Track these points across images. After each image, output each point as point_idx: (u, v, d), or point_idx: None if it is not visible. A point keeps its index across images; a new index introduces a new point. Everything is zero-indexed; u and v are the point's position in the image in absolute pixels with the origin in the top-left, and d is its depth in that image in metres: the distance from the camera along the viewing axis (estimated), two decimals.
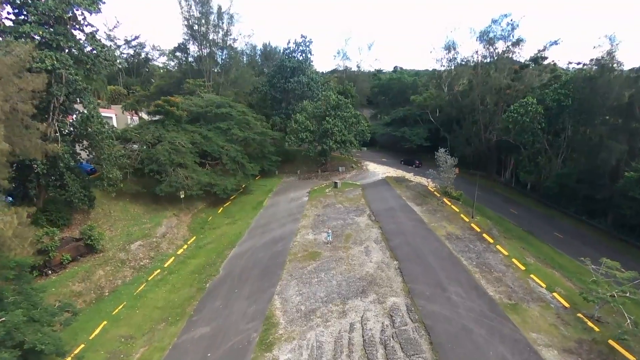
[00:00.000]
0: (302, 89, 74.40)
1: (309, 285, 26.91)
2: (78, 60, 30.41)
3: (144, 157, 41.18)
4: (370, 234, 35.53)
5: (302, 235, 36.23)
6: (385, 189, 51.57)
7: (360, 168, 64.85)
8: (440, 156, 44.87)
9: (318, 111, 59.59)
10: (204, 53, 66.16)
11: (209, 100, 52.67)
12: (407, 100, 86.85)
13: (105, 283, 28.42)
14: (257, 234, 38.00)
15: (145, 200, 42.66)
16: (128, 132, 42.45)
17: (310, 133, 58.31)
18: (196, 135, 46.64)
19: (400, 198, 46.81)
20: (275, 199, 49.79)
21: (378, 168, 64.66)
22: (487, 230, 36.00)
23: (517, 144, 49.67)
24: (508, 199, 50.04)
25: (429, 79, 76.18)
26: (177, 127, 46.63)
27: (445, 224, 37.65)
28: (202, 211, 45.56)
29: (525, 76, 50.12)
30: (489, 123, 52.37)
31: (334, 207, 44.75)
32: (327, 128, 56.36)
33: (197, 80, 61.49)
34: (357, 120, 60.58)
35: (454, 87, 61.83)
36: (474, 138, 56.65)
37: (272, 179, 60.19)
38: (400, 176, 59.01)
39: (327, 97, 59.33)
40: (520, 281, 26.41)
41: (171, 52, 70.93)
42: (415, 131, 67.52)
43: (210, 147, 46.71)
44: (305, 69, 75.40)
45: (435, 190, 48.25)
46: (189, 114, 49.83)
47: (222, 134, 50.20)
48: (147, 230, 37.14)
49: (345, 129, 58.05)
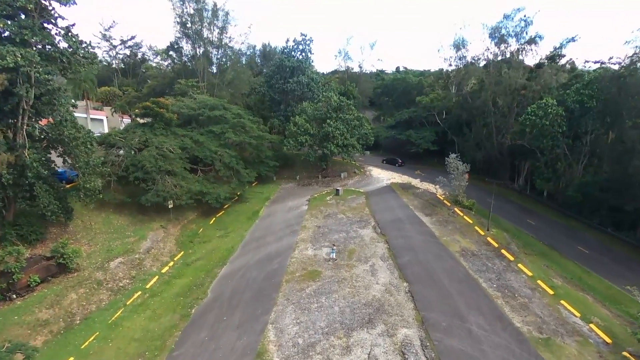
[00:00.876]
0: (301, 90, 71.77)
1: (307, 312, 23.93)
2: (49, 57, 27.56)
3: (129, 164, 38.31)
4: (376, 250, 32.58)
5: (301, 251, 33.30)
6: (390, 197, 48.62)
7: (364, 173, 61.91)
8: (451, 162, 41.96)
9: (318, 113, 56.78)
10: (198, 52, 63.47)
11: (202, 101, 49.90)
12: (412, 101, 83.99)
13: (77, 309, 25.47)
14: (251, 249, 35.05)
15: (130, 210, 39.80)
16: (112, 137, 39.61)
17: (310, 136, 55.47)
18: (187, 139, 43.81)
19: (407, 207, 43.86)
20: (272, 208, 46.85)
21: (382, 173, 61.72)
22: (506, 246, 32.99)
23: (533, 149, 46.67)
24: (524, 208, 46.99)
25: (435, 79, 73.36)
26: (166, 130, 43.84)
27: (459, 237, 34.65)
28: (193, 222, 42.63)
29: (543, 75, 47.15)
30: (501, 126, 49.38)
31: (336, 217, 41.82)
32: (328, 131, 53.51)
33: (189, 80, 58.80)
34: (360, 122, 57.73)
35: (463, 88, 58.92)
36: (484, 142, 53.69)
37: (270, 186, 57.29)
38: (406, 182, 56.07)
39: (328, 99, 56.52)
40: (550, 309, 23.37)
41: (164, 51, 68.18)
42: (421, 134, 64.58)
43: (202, 153, 43.87)
44: (305, 68, 72.77)
45: (445, 199, 45.28)
46: (179, 116, 47.04)
47: (216, 138, 47.37)
48: (130, 245, 34.21)
49: (347, 132, 55.18)
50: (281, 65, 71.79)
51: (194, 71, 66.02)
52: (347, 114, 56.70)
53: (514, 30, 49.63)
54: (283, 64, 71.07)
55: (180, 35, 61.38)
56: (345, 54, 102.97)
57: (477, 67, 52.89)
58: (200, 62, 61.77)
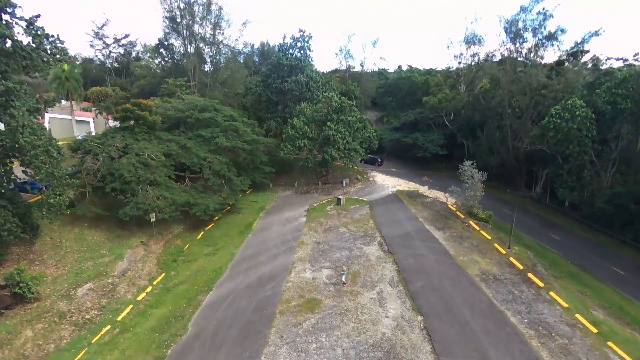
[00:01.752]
0: (300, 90, 68.28)
1: (304, 355, 20.30)
2: (5, 53, 23.97)
3: (106, 173, 34.69)
4: (384, 272, 28.96)
5: (298, 273, 29.68)
6: (397, 208, 44.98)
7: (367, 180, 58.27)
8: (465, 170, 38.35)
9: (318, 115, 53.20)
10: (189, 49, 59.92)
11: (191, 103, 46.32)
12: (418, 101, 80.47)
13: (31, 350, 21.82)
14: (241, 270, 31.40)
15: (108, 224, 36.19)
16: (87, 142, 36.00)
17: (309, 140, 51.88)
18: (172, 144, 40.24)
19: (416, 220, 40.24)
20: (267, 220, 43.20)
21: (387, 180, 58.06)
22: (532, 267, 29.34)
23: (554, 154, 43.05)
24: (545, 220, 43.33)
25: (443, 77, 69.80)
26: (149, 135, 40.28)
27: (477, 257, 31.00)
28: (178, 236, 38.99)
29: (567, 73, 43.53)
30: (518, 129, 45.77)
31: (337, 231, 38.19)
32: (329, 135, 49.91)
33: (177, 79, 55.27)
34: (363, 125, 54.17)
35: (475, 87, 55.32)
36: (498, 146, 50.06)
37: (265, 194, 53.67)
38: (413, 190, 52.42)
39: (328, 99, 52.95)
40: (597, 353, 19.70)
41: (154, 49, 64.61)
42: (429, 137, 60.96)
43: (189, 159, 40.28)
44: (304, 67, 69.22)
45: (458, 210, 41.65)
46: (164, 119, 43.47)
47: (205, 143, 43.81)
48: (103, 266, 30.59)
49: (349, 136, 51.59)
50: (278, 64, 68.32)
51: (185, 70, 62.48)
52: (349, 116, 53.13)
53: (531, 24, 46.08)
54: (280, 62, 67.57)
55: (170, 31, 57.85)
56: (346, 52, 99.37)
57: (491, 64, 49.23)
58: (191, 60, 58.23)
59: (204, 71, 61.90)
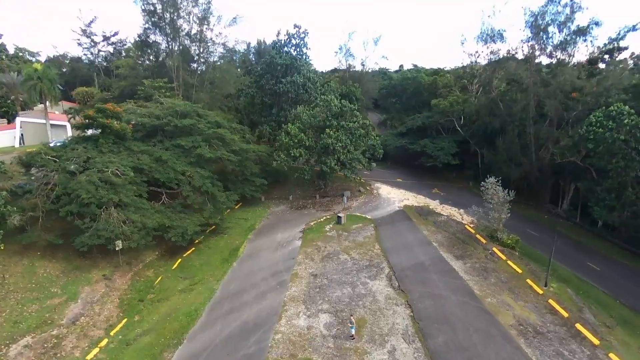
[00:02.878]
0: (296, 92, 63.48)
1: None
2: None
3: (60, 193, 29.53)
4: (396, 320, 23.94)
5: (290, 319, 24.65)
6: (406, 228, 39.93)
7: (370, 192, 53.20)
8: (488, 188, 33.31)
9: (315, 120, 48.13)
10: (173, 47, 54.81)
11: (170, 108, 41.18)
12: (425, 104, 75.59)
13: None
14: (221, 314, 26.27)
15: (66, 253, 31.09)
16: (41, 156, 30.83)
17: (306, 149, 46.80)
18: (145, 157, 35.14)
19: (429, 245, 35.20)
20: (257, 244, 38.07)
21: (393, 192, 53.00)
22: (578, 314, 24.32)
23: (587, 167, 38.03)
24: (578, 244, 38.27)
25: (454, 78, 64.79)
26: (118, 146, 35.16)
27: (509, 298, 25.95)
28: (150, 266, 33.82)
29: (608, 74, 38.47)
30: (544, 137, 40.71)
31: (338, 259, 33.15)
32: (328, 143, 44.82)
33: (155, 81, 50.17)
34: (366, 131, 49.10)
35: (492, 89, 50.30)
36: (520, 156, 45.00)
37: (256, 209, 48.54)
38: (423, 205, 47.38)
39: (327, 103, 47.91)
40: None
41: (138, 46, 59.45)
42: (439, 145, 55.91)
43: (165, 175, 35.18)
44: (300, 66, 64.36)
45: (478, 233, 36.59)
46: (138, 127, 38.39)
47: (185, 154, 38.68)
48: (50, 310, 25.46)
49: (350, 145, 46.50)
50: (272, 63, 63.40)
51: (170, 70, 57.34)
52: (350, 122, 48.10)
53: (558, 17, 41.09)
54: (274, 61, 62.62)
55: (150, 26, 52.75)
56: (346, 50, 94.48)
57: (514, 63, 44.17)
58: (174, 59, 53.14)
59: (189, 71, 56.82)
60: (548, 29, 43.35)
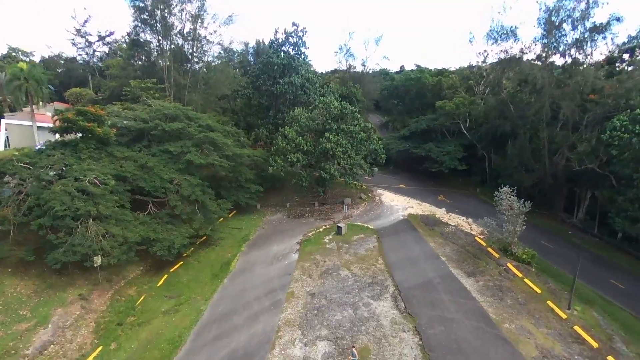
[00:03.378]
0: (294, 93, 61.22)
1: None
2: None
3: (33, 204, 27.06)
4: (403, 350, 21.54)
5: (284, 348, 22.23)
6: (411, 239, 37.47)
7: (372, 199, 50.73)
8: (502, 198, 30.88)
9: (314, 123, 45.70)
10: (164, 46, 52.42)
11: (158, 110, 38.77)
12: (428, 105, 73.33)
13: None
14: (208, 340, 23.77)
15: (40, 269, 28.61)
16: (11, 163, 28.38)
17: (304, 154, 44.35)
18: (128, 164, 32.69)
19: (437, 258, 32.75)
20: (250, 257, 35.59)
21: (396, 200, 50.54)
22: (609, 344, 21.79)
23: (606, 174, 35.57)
24: (598, 257, 35.83)
25: (460, 79, 62.46)
26: (99, 152, 32.70)
27: (529, 324, 23.44)
28: (133, 283, 31.30)
29: (633, 74, 35.96)
30: (559, 142, 38.22)
31: (338, 275, 30.69)
32: (327, 148, 42.38)
33: (143, 81, 47.78)
34: (368, 135, 46.66)
35: (501, 90, 47.87)
36: (531, 162, 42.55)
37: (251, 217, 46.05)
38: (428, 214, 44.91)
39: (326, 105, 45.50)
40: None
41: (127, 46, 57.05)
42: (444, 149, 53.42)
43: (150, 183, 32.74)
44: (299, 66, 62.08)
45: (490, 246, 34.11)
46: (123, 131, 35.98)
47: (173, 160, 36.20)
48: (16, 338, 22.96)
49: (351, 149, 44.07)
50: (269, 63, 61.19)
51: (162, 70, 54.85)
52: (351, 125, 45.72)
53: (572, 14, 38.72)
54: (271, 61, 60.40)
55: (139, 23, 50.36)
56: (346, 50, 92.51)
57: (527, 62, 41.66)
58: (165, 58, 50.73)
59: (182, 71, 54.39)
60: (563, 26, 41.01)
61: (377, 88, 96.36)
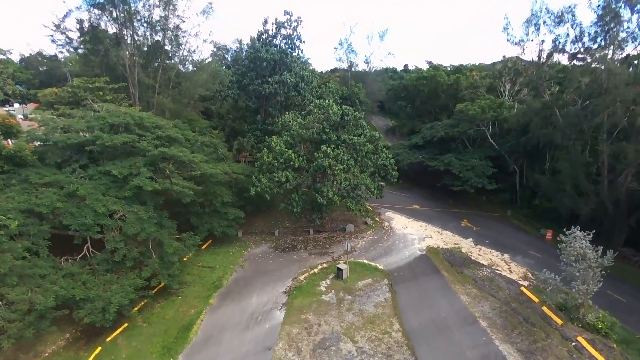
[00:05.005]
0: (286, 94, 53.13)
1: None
2: None
3: None
4: None
5: None
6: (435, 288, 29.13)
7: (380, 225, 42.33)
8: (571, 244, 22.44)
9: (308, 133, 37.37)
10: (126, 36, 44.11)
11: (101, 118, 30.37)
12: (443, 108, 65.01)
13: None
14: None
15: None
16: None
17: (295, 172, 36.01)
18: (49, 194, 24.26)
19: (474, 323, 24.39)
20: (220, 316, 27.19)
21: (410, 226, 42.13)
22: None
23: None
24: None
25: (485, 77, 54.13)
26: (7, 177, 24.29)
27: None
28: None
29: None
30: (633, 160, 29.48)
31: (337, 350, 22.45)
32: (324, 166, 34.01)
33: (91, 79, 39.46)
34: (375, 147, 38.34)
35: (543, 91, 39.39)
36: (586, 183, 34.14)
37: (229, 251, 37.69)
38: (452, 247, 36.63)
39: (323, 109, 37.20)
40: None
41: (87, 39, 48.63)
42: (468, 162, 44.87)
43: (79, 220, 24.29)
44: (292, 62, 53.88)
45: (544, 303, 25.68)
46: (46, 149, 27.58)
47: (118, 185, 27.79)
48: None
49: (355, 166, 35.74)
50: (256, 59, 52.96)
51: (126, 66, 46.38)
52: (355, 135, 37.42)
53: None
54: (259, 56, 52.15)
55: (92, 7, 42.01)
56: (348, 45, 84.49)
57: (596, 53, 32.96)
58: (126, 52, 42.34)
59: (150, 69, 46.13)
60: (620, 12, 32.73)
61: (382, 88, 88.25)
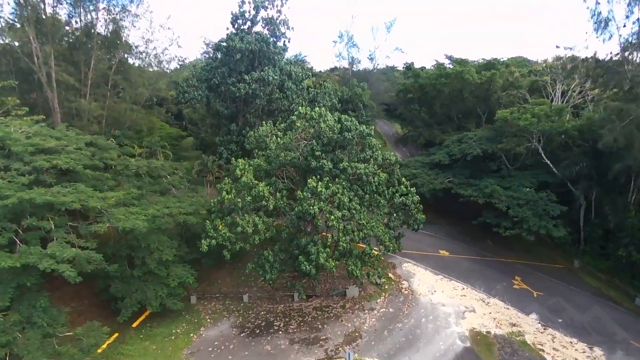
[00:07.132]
0: (269, 96, 41.65)
1: None
2: None
3: None
4: None
5: None
6: None
7: (397, 287, 30.33)
8: None
9: (290, 155, 25.50)
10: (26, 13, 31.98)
11: None
12: (469, 114, 53.18)
13: None
14: None
15: None
16: None
17: (268, 217, 24.10)
18: None
19: None
20: None
21: (439, 289, 30.08)
22: None
23: None
24: None
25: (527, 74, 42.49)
26: None
27: None
28: None
29: None
30: None
31: None
32: (310, 212, 21.92)
33: None
34: (392, 180, 26.40)
35: None
36: None
37: (173, 329, 25.86)
38: (508, 334, 24.53)
39: (312, 121, 25.31)
40: None
41: None
42: (519, 193, 32.75)
43: None
44: (275, 55, 42.29)
45: None
46: None
47: None
48: None
49: (361, 210, 23.73)
50: (229, 50, 41.30)
51: None
52: (360, 159, 25.55)
53: None
54: (232, 46, 40.40)
55: None
56: (349, 38, 72.78)
57: None
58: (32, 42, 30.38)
59: (71, 63, 34.38)
60: None
61: (389, 88, 76.63)
